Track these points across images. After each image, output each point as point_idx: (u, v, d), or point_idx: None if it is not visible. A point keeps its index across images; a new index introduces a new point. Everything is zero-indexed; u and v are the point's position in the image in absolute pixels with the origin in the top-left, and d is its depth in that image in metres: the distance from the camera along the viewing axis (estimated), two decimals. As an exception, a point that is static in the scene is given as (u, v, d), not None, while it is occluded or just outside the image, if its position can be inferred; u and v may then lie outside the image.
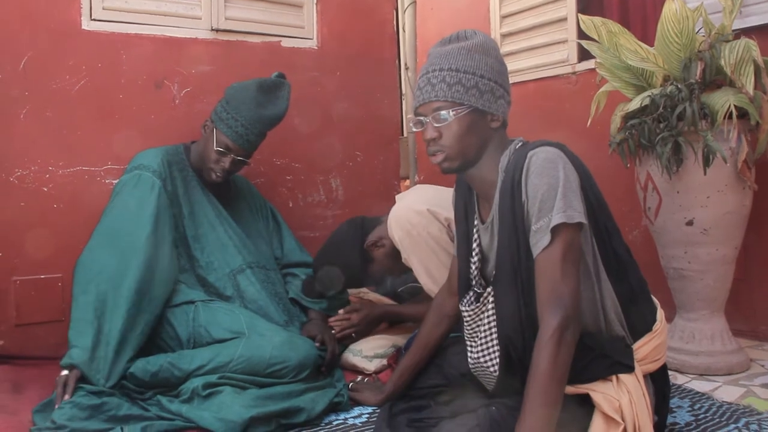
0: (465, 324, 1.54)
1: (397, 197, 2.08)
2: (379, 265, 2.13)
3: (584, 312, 1.32)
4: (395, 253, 2.06)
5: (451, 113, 1.39)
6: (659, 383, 1.47)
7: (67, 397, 1.68)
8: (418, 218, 1.90)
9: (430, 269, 1.92)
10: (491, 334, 1.45)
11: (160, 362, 1.82)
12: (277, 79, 2.21)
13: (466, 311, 1.51)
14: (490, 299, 1.45)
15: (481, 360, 1.48)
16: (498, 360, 1.43)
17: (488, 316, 1.46)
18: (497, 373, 1.43)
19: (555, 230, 1.24)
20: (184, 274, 2.09)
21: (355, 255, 2.12)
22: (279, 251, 2.42)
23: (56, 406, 1.65)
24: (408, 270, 2.09)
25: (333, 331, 2.14)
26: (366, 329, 2.20)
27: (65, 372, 1.74)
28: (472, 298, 1.51)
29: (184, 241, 2.13)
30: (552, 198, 1.26)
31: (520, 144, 1.44)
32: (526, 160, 1.32)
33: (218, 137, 2.11)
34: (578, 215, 1.25)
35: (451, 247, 1.87)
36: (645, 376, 1.39)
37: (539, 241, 1.26)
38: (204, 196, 2.21)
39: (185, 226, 2.14)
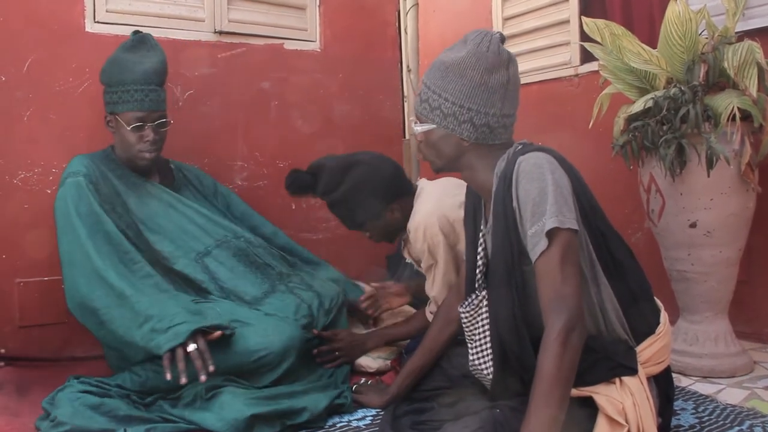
0: (463, 326, 1.55)
1: (423, 186, 2.00)
2: (380, 222, 2.01)
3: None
4: (392, 227, 2.02)
5: (420, 127, 1.46)
6: (663, 385, 1.47)
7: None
8: (450, 228, 1.85)
9: (450, 283, 1.88)
10: (485, 337, 1.46)
11: (146, 372, 1.80)
12: (136, 35, 2.16)
13: (463, 313, 1.52)
14: (484, 303, 1.46)
15: (476, 362, 1.49)
16: (491, 363, 1.43)
17: (482, 320, 1.47)
18: (491, 376, 1.44)
19: (551, 234, 1.24)
20: (154, 278, 1.93)
21: (379, 204, 1.98)
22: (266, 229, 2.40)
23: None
24: (377, 240, 2.07)
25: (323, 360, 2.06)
26: (354, 353, 2.11)
27: (192, 346, 1.65)
28: (473, 302, 1.52)
29: (141, 237, 2.04)
30: (544, 202, 1.26)
31: (519, 147, 1.43)
32: (516, 166, 1.32)
33: (125, 118, 2.04)
34: (569, 222, 1.24)
35: None
36: (649, 379, 1.39)
37: (536, 245, 1.25)
38: (151, 186, 2.15)
39: (137, 221, 2.06)
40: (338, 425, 1.74)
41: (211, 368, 1.65)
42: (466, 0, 3.89)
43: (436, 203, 1.89)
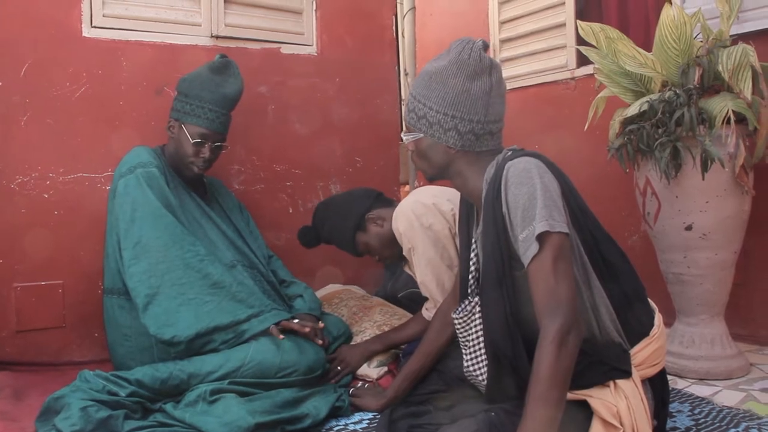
0: (457, 332, 1.56)
1: (412, 193, 2.09)
2: (366, 239, 2.14)
3: None
4: (385, 240, 2.09)
5: (408, 137, 1.49)
6: (658, 388, 1.47)
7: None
8: (423, 209, 1.89)
9: (432, 263, 1.90)
10: (479, 343, 1.47)
11: (169, 369, 1.79)
12: (223, 59, 2.24)
13: (456, 319, 1.53)
14: (477, 309, 1.46)
15: (470, 368, 1.50)
16: (485, 369, 1.44)
17: (476, 326, 1.48)
18: (485, 381, 1.45)
19: (541, 238, 1.24)
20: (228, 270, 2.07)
21: (353, 217, 2.14)
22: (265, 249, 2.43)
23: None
24: (387, 260, 2.19)
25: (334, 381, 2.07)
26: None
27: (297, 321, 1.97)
28: (466, 308, 1.52)
29: None
30: (533, 207, 1.26)
31: (509, 153, 1.43)
32: (504, 172, 1.33)
33: (190, 130, 2.12)
34: (559, 225, 1.25)
35: (451, 245, 1.87)
36: (644, 381, 1.39)
37: (528, 250, 1.26)
38: (187, 193, 2.20)
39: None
40: (335, 429, 1.74)
41: (321, 324, 2.03)
42: (462, 4, 3.90)
43: (410, 198, 1.97)
